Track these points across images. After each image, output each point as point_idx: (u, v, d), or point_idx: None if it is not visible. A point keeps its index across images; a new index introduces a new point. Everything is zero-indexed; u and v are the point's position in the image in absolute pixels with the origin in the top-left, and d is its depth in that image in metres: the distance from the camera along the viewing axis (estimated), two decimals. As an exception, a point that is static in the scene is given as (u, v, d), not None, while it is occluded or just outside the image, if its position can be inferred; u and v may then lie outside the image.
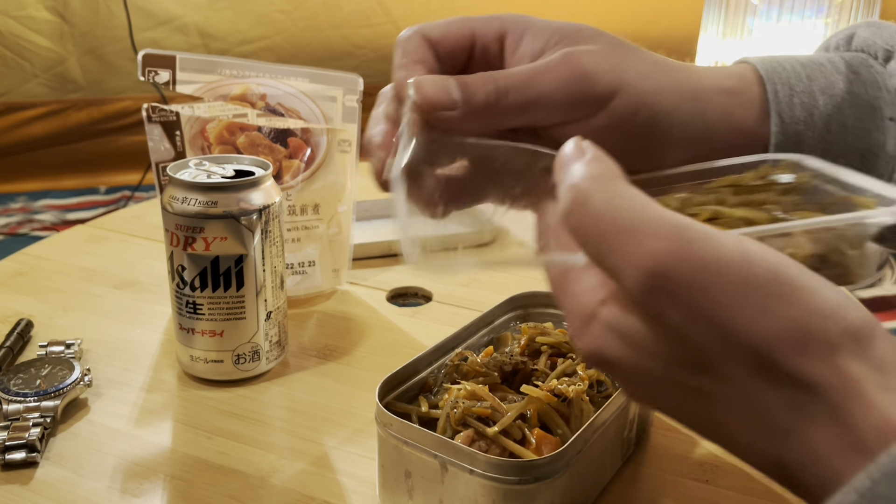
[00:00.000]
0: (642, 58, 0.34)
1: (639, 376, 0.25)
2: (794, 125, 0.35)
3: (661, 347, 0.23)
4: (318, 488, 0.40)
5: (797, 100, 0.35)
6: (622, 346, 0.24)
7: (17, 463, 0.41)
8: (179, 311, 0.47)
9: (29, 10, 1.82)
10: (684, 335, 0.22)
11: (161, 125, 0.56)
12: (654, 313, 0.23)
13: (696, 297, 0.21)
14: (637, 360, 0.24)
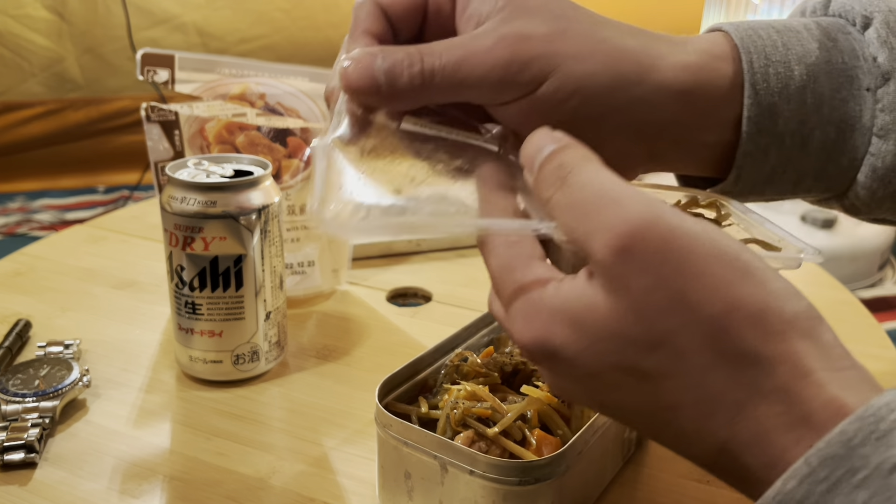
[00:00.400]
0: (585, 37, 0.32)
1: (584, 365, 0.24)
2: (769, 97, 0.33)
3: (617, 324, 0.23)
4: (318, 489, 0.40)
5: (772, 70, 0.33)
6: (571, 330, 0.24)
7: (15, 463, 0.41)
8: (178, 312, 0.47)
9: (27, 8, 1.82)
10: (645, 306, 0.22)
11: (160, 125, 0.56)
12: (619, 282, 0.23)
13: (663, 263, 0.22)
14: (587, 345, 0.23)
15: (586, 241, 0.24)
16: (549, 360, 0.25)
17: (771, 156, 0.35)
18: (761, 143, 0.34)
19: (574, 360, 0.24)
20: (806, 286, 0.74)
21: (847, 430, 0.20)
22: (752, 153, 0.34)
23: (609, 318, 0.23)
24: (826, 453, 0.20)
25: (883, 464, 0.19)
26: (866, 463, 0.19)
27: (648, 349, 0.23)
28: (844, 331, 0.62)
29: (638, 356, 0.23)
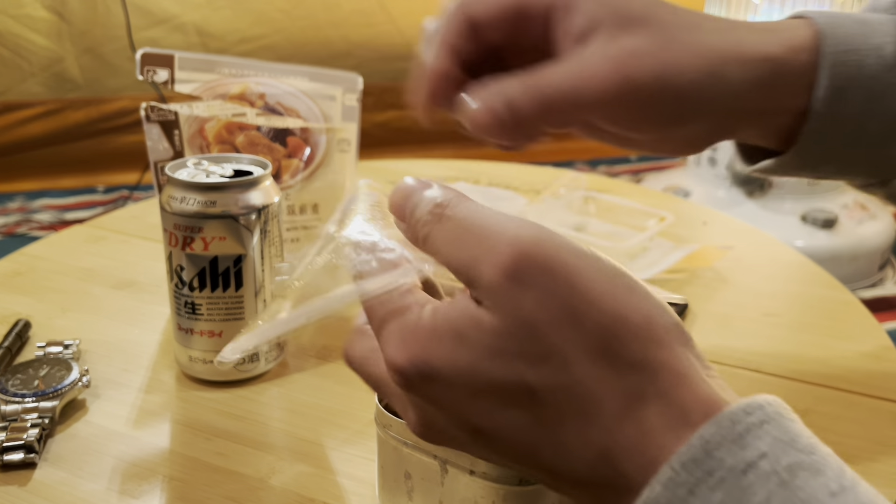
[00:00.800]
0: (689, 45, 0.33)
1: (465, 384, 0.23)
2: (842, 81, 0.35)
3: (505, 340, 0.23)
4: (318, 490, 0.40)
5: (849, 57, 0.35)
6: (453, 348, 0.24)
7: (15, 464, 0.41)
8: (178, 312, 0.47)
9: (27, 8, 1.82)
10: (536, 320, 0.23)
11: (159, 124, 0.56)
12: (509, 301, 0.23)
13: (553, 280, 0.23)
14: (470, 361, 0.23)
15: (471, 267, 0.24)
16: (424, 384, 0.24)
17: (832, 137, 0.37)
18: (826, 125, 0.36)
19: (454, 381, 0.24)
20: (806, 286, 0.75)
21: (705, 435, 0.21)
22: (815, 133, 0.36)
23: (497, 335, 0.23)
24: (687, 457, 0.21)
25: (737, 465, 0.20)
26: (721, 465, 0.20)
27: (537, 362, 0.23)
28: (845, 331, 0.63)
29: (526, 370, 0.23)
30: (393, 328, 0.25)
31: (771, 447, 0.21)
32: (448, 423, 0.25)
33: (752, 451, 0.20)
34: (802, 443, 0.21)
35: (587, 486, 0.24)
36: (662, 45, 0.32)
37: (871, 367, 0.52)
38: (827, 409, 0.47)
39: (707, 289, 0.63)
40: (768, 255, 0.71)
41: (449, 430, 0.26)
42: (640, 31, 0.32)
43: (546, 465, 0.24)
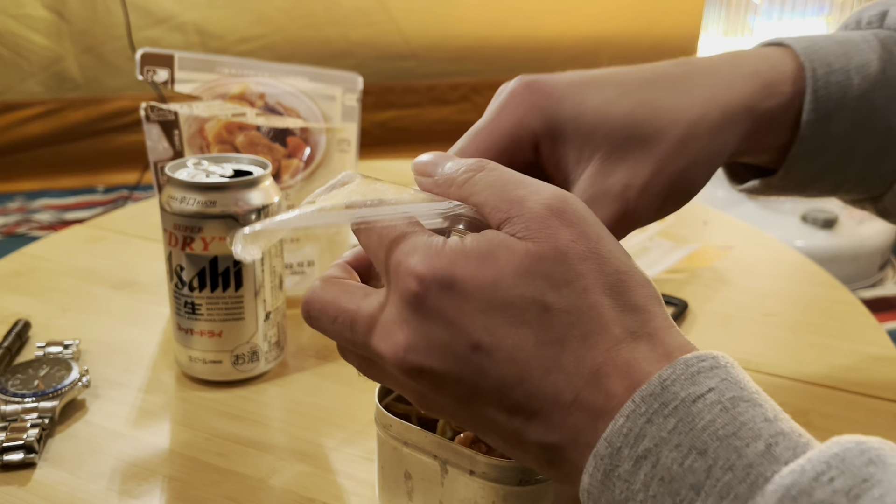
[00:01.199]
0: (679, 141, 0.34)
1: (481, 298, 0.25)
2: (828, 104, 0.36)
3: (534, 262, 0.26)
4: (318, 490, 0.40)
5: (834, 78, 0.36)
6: (479, 265, 0.26)
7: (14, 464, 0.41)
8: (178, 312, 0.47)
9: (27, 7, 1.82)
10: (567, 251, 0.26)
11: (159, 124, 0.56)
12: (546, 231, 0.26)
13: (586, 225, 0.27)
14: (493, 277, 0.25)
15: (515, 203, 0.27)
16: (440, 294, 0.26)
17: (820, 158, 0.38)
18: (813, 147, 0.37)
19: (471, 294, 0.26)
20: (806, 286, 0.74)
21: (663, 374, 0.24)
22: (802, 155, 0.37)
23: (529, 256, 0.26)
24: (646, 392, 0.24)
25: (688, 397, 0.24)
26: (675, 397, 0.24)
27: (561, 284, 0.26)
28: (845, 331, 0.63)
29: (547, 290, 0.26)
30: (419, 242, 0.27)
31: (718, 384, 0.24)
32: (446, 338, 0.26)
33: (701, 387, 0.24)
34: (747, 385, 0.25)
35: (565, 410, 0.25)
36: (661, 162, 0.34)
37: (871, 367, 0.52)
38: (827, 409, 0.47)
39: (707, 289, 0.63)
40: (768, 255, 0.71)
41: (440, 351, 0.26)
42: (632, 155, 0.34)
43: (528, 391, 0.26)
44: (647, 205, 0.34)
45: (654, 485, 0.23)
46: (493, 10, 2.07)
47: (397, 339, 0.27)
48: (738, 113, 0.35)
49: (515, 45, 2.12)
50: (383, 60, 2.04)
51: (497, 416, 0.26)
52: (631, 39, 2.15)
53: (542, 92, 0.34)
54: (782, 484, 0.21)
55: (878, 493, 0.21)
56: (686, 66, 0.36)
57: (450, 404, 0.27)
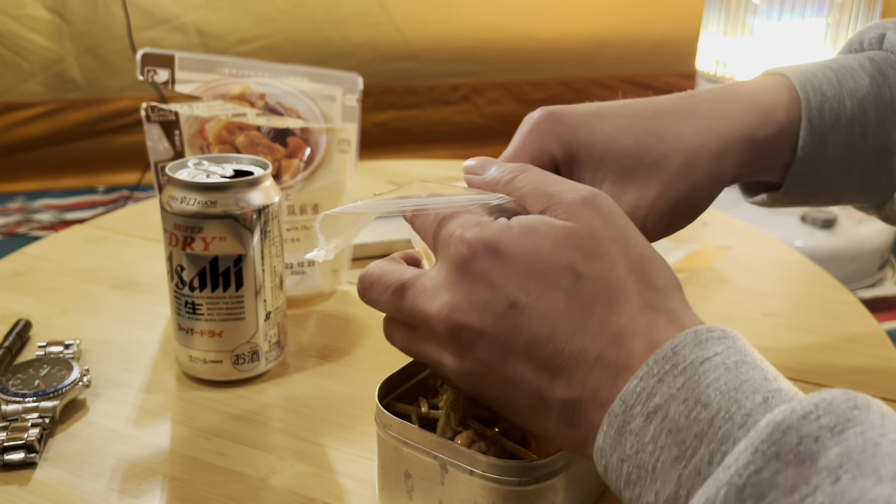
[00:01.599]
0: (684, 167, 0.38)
1: (522, 262, 0.28)
2: (822, 128, 0.40)
3: (571, 237, 0.29)
4: (318, 489, 0.40)
5: (827, 105, 0.40)
6: (523, 235, 0.29)
7: (15, 463, 0.41)
8: (178, 312, 0.47)
9: (27, 8, 1.82)
10: (599, 232, 0.29)
11: (160, 125, 0.56)
12: (581, 215, 0.30)
13: (615, 215, 0.31)
14: (534, 246, 0.29)
15: (554, 195, 0.31)
16: (485, 256, 0.29)
17: (818, 176, 0.41)
18: (811, 167, 0.41)
19: (514, 258, 0.29)
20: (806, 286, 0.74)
21: (675, 341, 0.27)
22: (801, 174, 0.41)
23: (566, 231, 0.29)
24: (659, 356, 0.27)
25: (696, 359, 0.26)
26: (684, 359, 0.26)
27: (592, 257, 0.29)
28: (844, 331, 0.63)
29: (580, 260, 0.29)
30: (468, 218, 0.31)
31: (724, 350, 0.26)
32: (487, 297, 0.29)
33: (708, 352, 0.26)
34: (751, 353, 0.27)
35: (588, 367, 0.28)
36: (665, 187, 0.38)
37: (870, 367, 0.52)
38: (826, 408, 0.47)
39: (707, 289, 0.63)
40: (768, 255, 0.71)
41: (480, 309, 0.29)
42: (639, 179, 0.38)
43: (556, 349, 0.28)
44: (653, 223, 0.38)
45: (662, 436, 0.25)
46: (493, 11, 2.07)
47: (443, 299, 0.30)
48: (736, 141, 0.39)
49: (515, 46, 2.12)
50: (383, 61, 2.05)
51: (525, 374, 0.29)
52: (631, 40, 2.16)
53: (560, 122, 0.38)
54: (773, 420, 0.23)
55: (860, 430, 0.23)
56: (690, 99, 0.40)
57: (481, 367, 0.30)
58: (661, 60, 2.18)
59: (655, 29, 2.15)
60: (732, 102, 0.40)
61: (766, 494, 0.22)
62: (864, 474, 0.21)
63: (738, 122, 0.39)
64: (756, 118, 0.39)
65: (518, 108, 2.17)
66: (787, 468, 0.22)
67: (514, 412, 0.31)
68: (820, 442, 0.22)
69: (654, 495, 0.25)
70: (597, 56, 2.16)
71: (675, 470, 0.25)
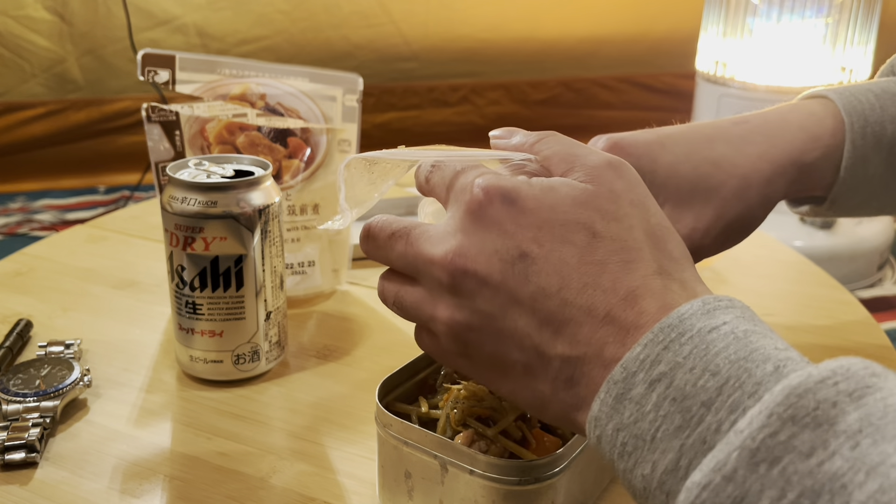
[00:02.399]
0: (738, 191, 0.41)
1: (539, 215, 0.28)
2: (864, 150, 0.43)
3: (591, 197, 0.29)
4: (318, 489, 0.40)
5: (870, 129, 0.43)
6: (542, 191, 0.29)
7: (16, 463, 0.41)
8: (179, 312, 0.47)
9: (28, 9, 1.82)
10: (620, 195, 0.30)
11: (160, 125, 0.56)
12: (604, 179, 0.30)
13: (638, 180, 0.31)
14: (553, 202, 0.29)
15: (578, 156, 0.31)
16: (502, 205, 0.29)
17: (860, 192, 0.44)
18: (852, 185, 0.44)
19: (531, 210, 0.29)
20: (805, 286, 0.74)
21: (681, 310, 0.26)
22: (844, 192, 0.44)
23: (587, 192, 0.29)
24: (665, 324, 0.26)
25: (703, 328, 0.25)
26: (692, 327, 0.26)
27: (610, 218, 0.29)
28: (844, 331, 0.63)
29: (599, 219, 0.29)
30: (488, 171, 0.31)
31: (732, 319, 0.26)
32: (497, 244, 0.28)
33: (717, 320, 0.26)
34: (760, 323, 0.27)
35: (596, 323, 0.27)
36: (719, 210, 0.41)
37: (869, 367, 0.52)
38: (826, 408, 0.47)
39: (706, 289, 0.63)
40: (767, 255, 0.71)
41: (488, 256, 0.28)
42: (697, 204, 0.40)
43: (564, 300, 0.28)
44: (709, 243, 0.41)
45: (665, 404, 0.25)
46: (494, 12, 2.08)
47: (450, 243, 0.29)
48: (785, 165, 0.42)
49: (515, 47, 2.12)
50: (384, 62, 2.05)
51: (527, 327, 0.28)
52: (631, 41, 2.16)
53: (625, 152, 0.40)
54: (789, 384, 0.23)
55: (880, 395, 0.22)
56: (744, 125, 0.43)
57: (479, 318, 0.29)
58: (660, 61, 2.18)
59: (655, 29, 2.15)
60: (783, 128, 0.43)
61: (780, 458, 0.21)
62: (886, 439, 0.21)
63: (788, 147, 0.42)
64: (804, 143, 0.42)
65: (518, 108, 2.17)
66: (803, 431, 0.22)
67: (504, 374, 0.30)
68: (838, 406, 0.22)
69: (651, 466, 0.24)
70: (596, 56, 2.16)
71: (678, 439, 0.24)
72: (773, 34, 1.35)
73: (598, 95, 2.20)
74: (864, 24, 1.32)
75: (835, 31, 1.32)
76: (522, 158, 0.32)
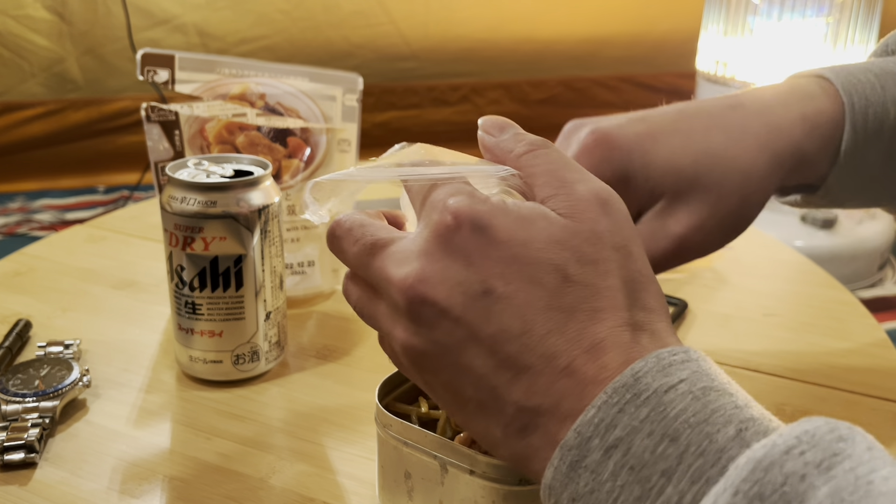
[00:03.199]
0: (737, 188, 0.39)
1: (507, 251, 0.26)
2: (865, 133, 0.40)
3: (569, 236, 0.27)
4: (318, 489, 0.40)
5: (871, 110, 0.40)
6: (517, 225, 0.27)
7: (15, 463, 0.41)
8: (178, 312, 0.47)
9: (27, 9, 1.82)
10: (603, 236, 0.27)
11: (160, 125, 0.56)
12: (588, 215, 0.28)
13: (625, 219, 0.29)
14: (526, 238, 0.27)
15: (568, 183, 0.29)
16: (471, 233, 0.27)
17: (857, 179, 0.41)
18: (851, 171, 0.41)
19: (502, 243, 0.27)
20: (806, 286, 0.74)
21: (635, 367, 0.25)
22: (841, 178, 0.41)
23: (565, 230, 0.27)
24: (619, 384, 0.25)
25: (661, 387, 0.24)
26: (647, 387, 0.24)
27: (586, 262, 0.27)
28: (844, 331, 0.63)
29: (573, 262, 0.27)
30: (463, 188, 0.28)
31: (689, 376, 0.25)
32: (461, 276, 0.26)
33: (673, 378, 0.24)
34: (717, 376, 0.25)
35: (556, 373, 0.26)
36: (713, 208, 0.38)
37: (870, 366, 0.52)
38: (826, 408, 0.47)
39: (707, 289, 0.63)
40: (768, 255, 0.71)
41: (451, 286, 0.26)
42: (692, 199, 0.38)
43: (525, 345, 0.26)
44: (702, 239, 0.39)
45: (623, 473, 0.23)
46: (493, 12, 2.08)
47: (412, 266, 0.27)
48: (785, 156, 0.39)
49: (515, 47, 2.12)
50: (383, 61, 2.05)
51: (484, 367, 0.26)
52: (631, 39, 2.16)
53: (613, 146, 0.38)
54: (754, 457, 0.21)
55: (849, 465, 0.21)
56: (740, 111, 0.40)
57: (435, 348, 0.27)
58: (661, 60, 2.18)
59: (655, 29, 2.15)
60: (783, 116, 0.40)
61: None
62: None
63: (788, 136, 0.39)
64: (804, 131, 0.39)
65: (518, 108, 2.17)
66: None
67: (458, 406, 0.28)
68: (807, 480, 0.20)
69: None
70: (596, 56, 2.16)
71: None
72: (774, 33, 1.34)
73: (599, 95, 2.20)
74: (865, 24, 1.32)
75: (835, 30, 1.32)
76: (505, 174, 0.30)
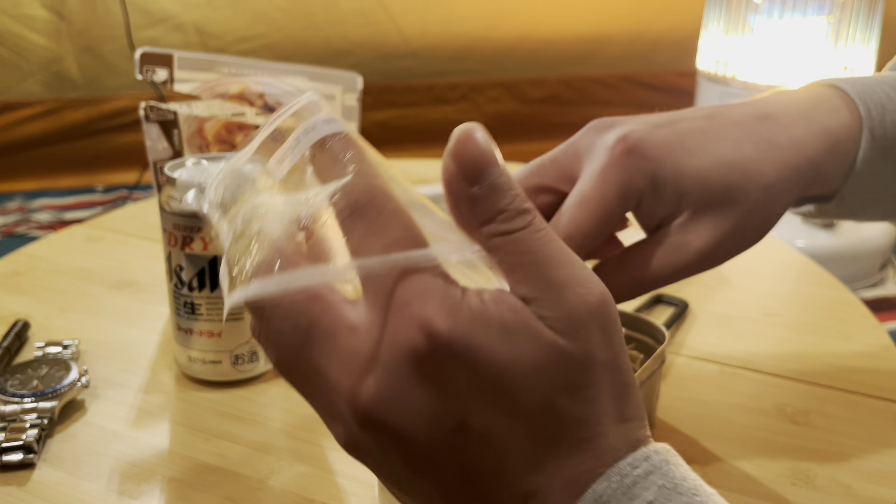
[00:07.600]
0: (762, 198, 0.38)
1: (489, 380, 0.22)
2: (884, 142, 0.40)
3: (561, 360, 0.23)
4: (317, 490, 0.40)
5: (889, 118, 0.40)
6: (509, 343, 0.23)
7: (13, 464, 0.41)
8: (177, 312, 0.47)
9: (26, 7, 1.82)
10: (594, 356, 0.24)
11: (158, 124, 0.56)
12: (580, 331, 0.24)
13: (616, 332, 0.25)
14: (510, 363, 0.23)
15: (558, 287, 0.23)
16: (449, 358, 0.22)
17: (873, 190, 0.41)
18: (866, 182, 0.41)
19: (484, 371, 0.22)
20: (807, 286, 0.74)
21: (597, 490, 0.23)
22: (856, 189, 0.41)
23: (552, 354, 0.23)
24: None
25: None
26: None
27: (574, 390, 0.23)
28: (845, 331, 0.62)
29: (560, 394, 0.23)
30: (435, 286, 0.22)
31: (656, 495, 0.23)
32: (432, 409, 0.22)
33: (639, 501, 0.22)
34: (686, 486, 0.23)
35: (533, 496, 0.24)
36: (742, 218, 0.38)
37: (871, 367, 0.52)
38: (827, 409, 0.47)
39: (707, 289, 0.63)
40: (769, 254, 0.71)
41: (416, 416, 0.23)
42: (717, 211, 0.38)
43: (498, 484, 0.23)
44: (722, 253, 0.39)
45: None
46: (493, 10, 2.07)
47: (367, 383, 0.22)
48: (807, 170, 0.39)
49: (515, 45, 2.12)
50: (383, 60, 2.04)
51: (444, 495, 0.24)
52: (631, 39, 2.15)
53: (645, 157, 0.36)
54: None
55: None
56: (767, 123, 0.39)
57: (387, 471, 0.24)
58: (661, 59, 2.18)
59: (655, 27, 2.14)
60: (808, 129, 0.39)
61: None
62: None
63: (811, 152, 0.39)
64: (826, 146, 0.39)
65: (518, 106, 2.17)
66: None
67: None
68: None
69: None
70: (596, 55, 2.16)
71: None
72: (775, 32, 1.34)
73: (599, 94, 2.20)
74: (867, 23, 1.32)
75: (837, 29, 1.31)
76: (472, 257, 0.24)
